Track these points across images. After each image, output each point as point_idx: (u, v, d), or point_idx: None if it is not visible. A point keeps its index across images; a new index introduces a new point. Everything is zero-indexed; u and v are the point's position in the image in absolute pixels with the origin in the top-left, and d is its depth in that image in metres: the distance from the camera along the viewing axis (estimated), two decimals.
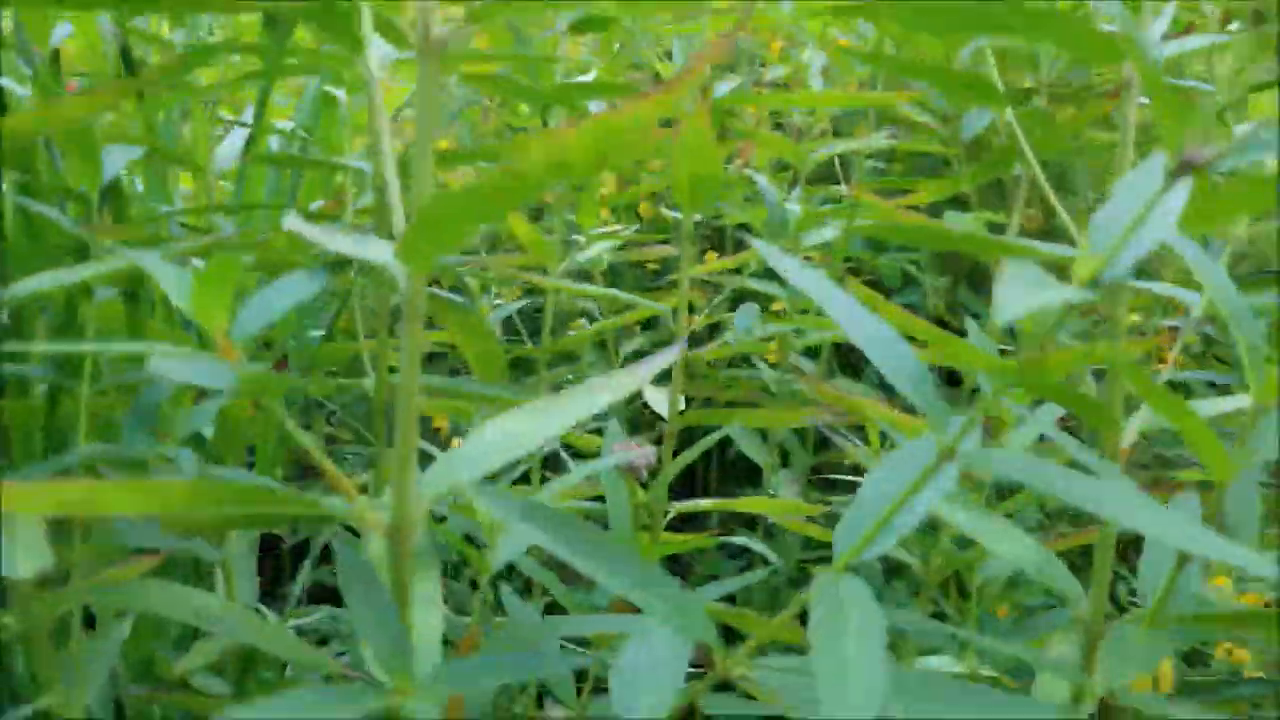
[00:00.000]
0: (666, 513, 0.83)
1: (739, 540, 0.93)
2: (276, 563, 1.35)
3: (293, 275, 0.46)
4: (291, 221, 0.44)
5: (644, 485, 0.73)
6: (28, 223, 0.69)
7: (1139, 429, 0.55)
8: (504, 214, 0.36)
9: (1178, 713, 0.50)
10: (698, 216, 1.22)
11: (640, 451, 0.61)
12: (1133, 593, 1.07)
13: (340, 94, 0.83)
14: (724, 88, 0.84)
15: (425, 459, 0.44)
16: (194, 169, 0.82)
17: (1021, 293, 0.30)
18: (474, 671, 0.41)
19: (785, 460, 1.33)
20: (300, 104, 0.94)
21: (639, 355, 1.19)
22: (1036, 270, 0.32)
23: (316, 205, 0.85)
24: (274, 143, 0.92)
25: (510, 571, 1.15)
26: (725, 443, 1.57)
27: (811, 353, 1.37)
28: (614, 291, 0.84)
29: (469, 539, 0.57)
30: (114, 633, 0.70)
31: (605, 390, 0.49)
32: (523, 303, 1.03)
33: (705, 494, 1.47)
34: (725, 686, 0.47)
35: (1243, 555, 0.34)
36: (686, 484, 1.54)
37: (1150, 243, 0.34)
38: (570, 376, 1.11)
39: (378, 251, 0.43)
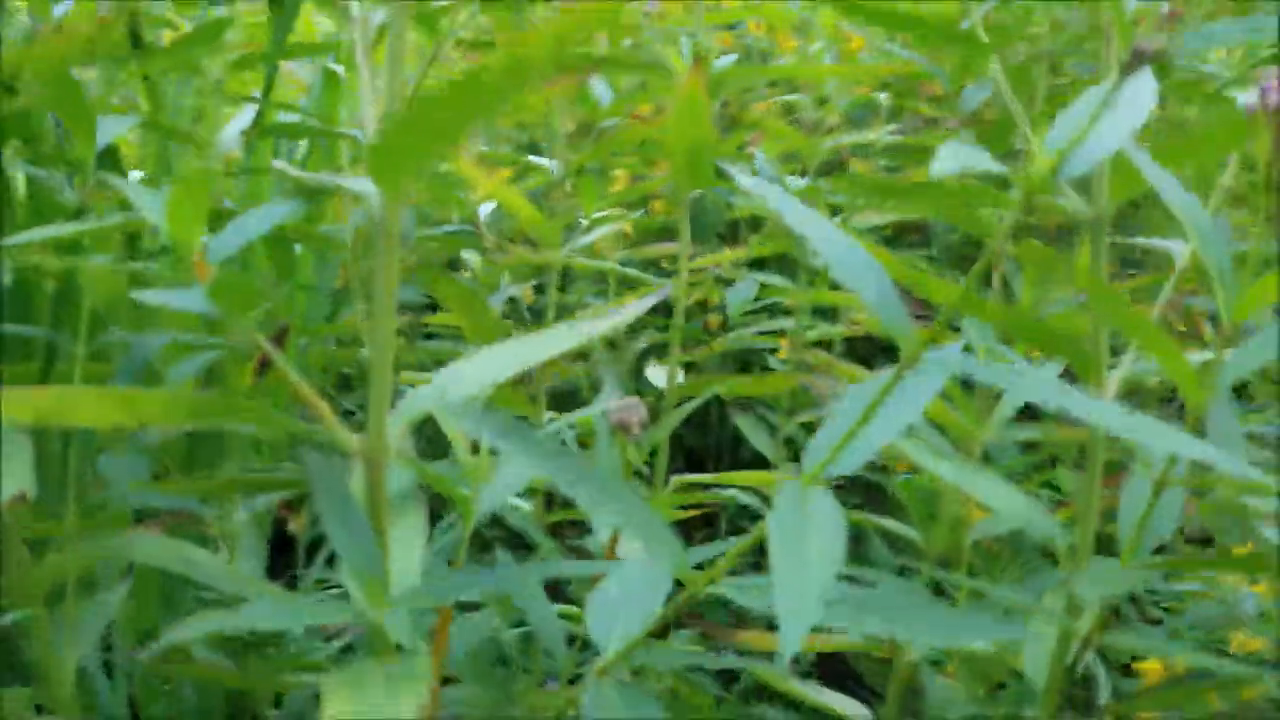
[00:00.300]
0: (666, 482, 0.83)
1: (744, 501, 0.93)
2: (289, 561, 1.36)
3: (270, 204, 0.46)
4: (278, 164, 0.45)
5: (636, 443, 0.73)
6: (33, 191, 0.70)
7: (1122, 377, 0.55)
8: (468, 125, 0.37)
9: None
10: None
11: (633, 404, 0.61)
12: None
13: (342, 71, 0.84)
14: (723, 61, 0.85)
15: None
16: (198, 146, 0.83)
17: (953, 158, 0.30)
18: (449, 587, 0.41)
19: (796, 456, 1.33)
20: (310, 90, 0.95)
21: (649, 352, 1.19)
22: (971, 148, 0.32)
23: None
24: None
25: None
26: (737, 441, 1.57)
27: (822, 348, 1.37)
28: (615, 265, 0.85)
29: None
30: (110, 595, 0.70)
31: (591, 327, 0.49)
32: (528, 284, 1.04)
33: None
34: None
35: (1223, 456, 0.34)
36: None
37: (1109, 140, 0.34)
38: (579, 371, 1.11)
39: (355, 184, 0.44)
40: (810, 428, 1.34)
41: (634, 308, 0.51)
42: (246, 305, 0.40)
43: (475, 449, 0.58)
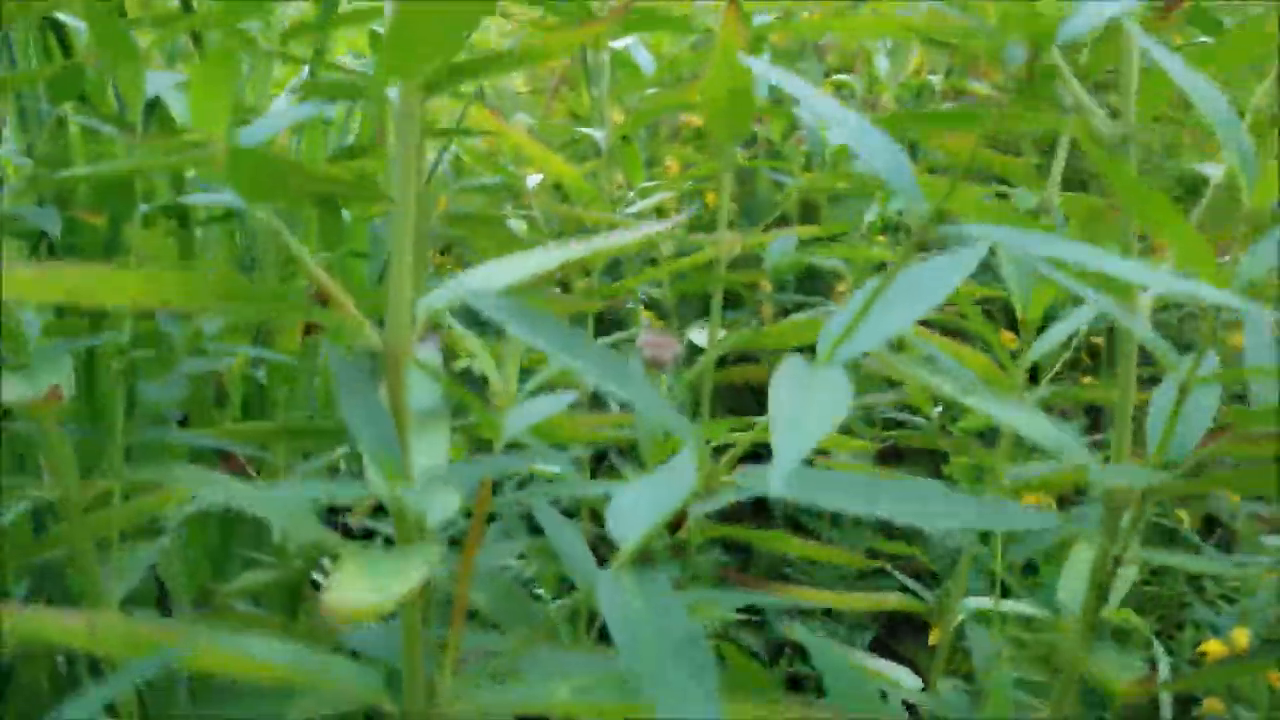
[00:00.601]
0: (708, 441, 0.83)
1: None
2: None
3: (302, 104, 0.47)
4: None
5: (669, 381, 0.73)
6: (90, 143, 0.73)
7: (1151, 301, 0.54)
8: (483, 8, 0.37)
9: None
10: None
11: (667, 340, 0.61)
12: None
13: None
14: (762, 18, 0.85)
15: None
16: (248, 113, 0.85)
17: None
18: (471, 469, 0.41)
19: None
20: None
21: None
22: None
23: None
24: None
25: None
26: None
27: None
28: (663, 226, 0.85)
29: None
30: (161, 540, 0.72)
31: (622, 237, 0.50)
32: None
33: None
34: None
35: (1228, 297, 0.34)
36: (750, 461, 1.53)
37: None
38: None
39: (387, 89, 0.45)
40: (869, 416, 1.34)
41: (667, 222, 0.52)
42: (271, 191, 0.41)
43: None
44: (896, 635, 1.28)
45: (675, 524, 0.91)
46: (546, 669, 0.48)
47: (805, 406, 0.33)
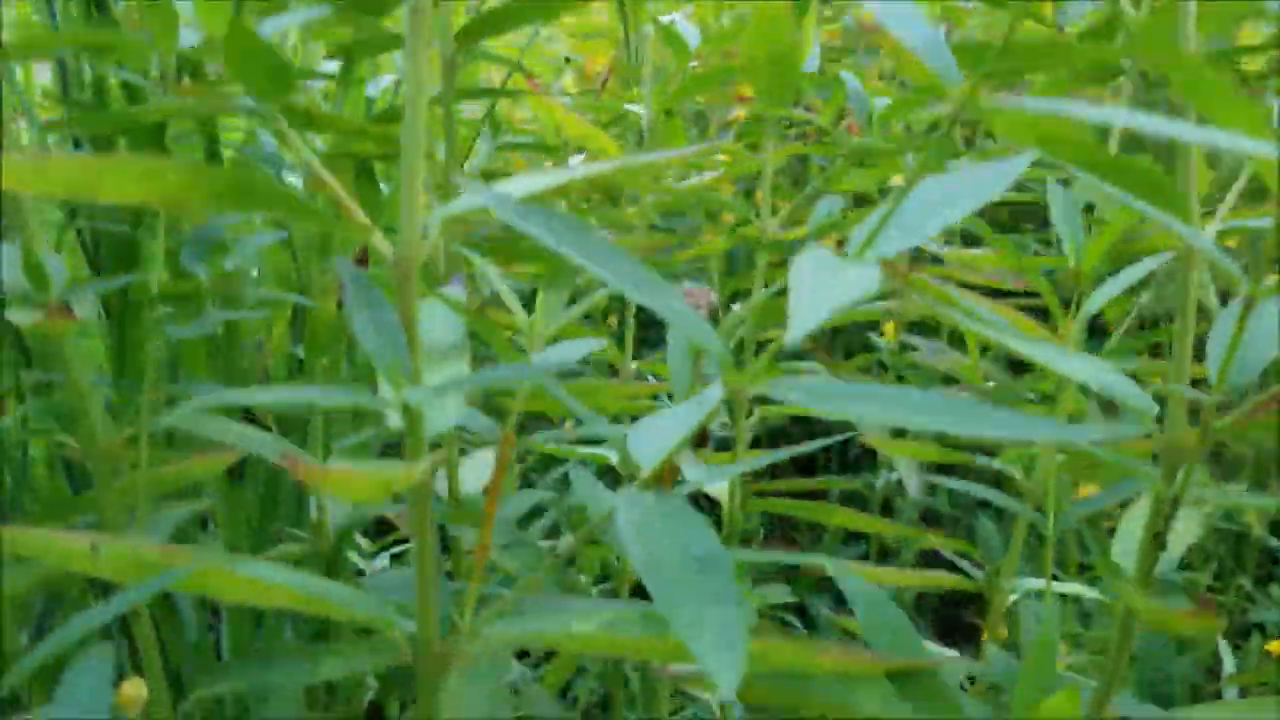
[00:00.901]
0: (750, 413, 0.81)
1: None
2: None
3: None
4: None
5: None
6: (127, 95, 0.72)
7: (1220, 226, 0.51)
8: None
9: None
10: None
11: (703, 291, 0.59)
12: None
13: None
14: None
15: None
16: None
17: None
18: (478, 377, 0.40)
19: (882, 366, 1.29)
20: None
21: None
22: None
23: None
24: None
25: None
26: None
27: (929, 330, 1.33)
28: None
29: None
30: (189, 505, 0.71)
31: (643, 157, 0.48)
32: None
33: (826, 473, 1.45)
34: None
35: None
36: (808, 466, 1.50)
37: None
38: None
39: None
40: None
41: (688, 150, 0.50)
42: (273, 85, 0.39)
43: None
44: (951, 637, 1.24)
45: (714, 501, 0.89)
46: (569, 611, 0.46)
47: (830, 279, 0.31)
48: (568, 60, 1.70)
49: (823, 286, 0.30)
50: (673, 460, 0.51)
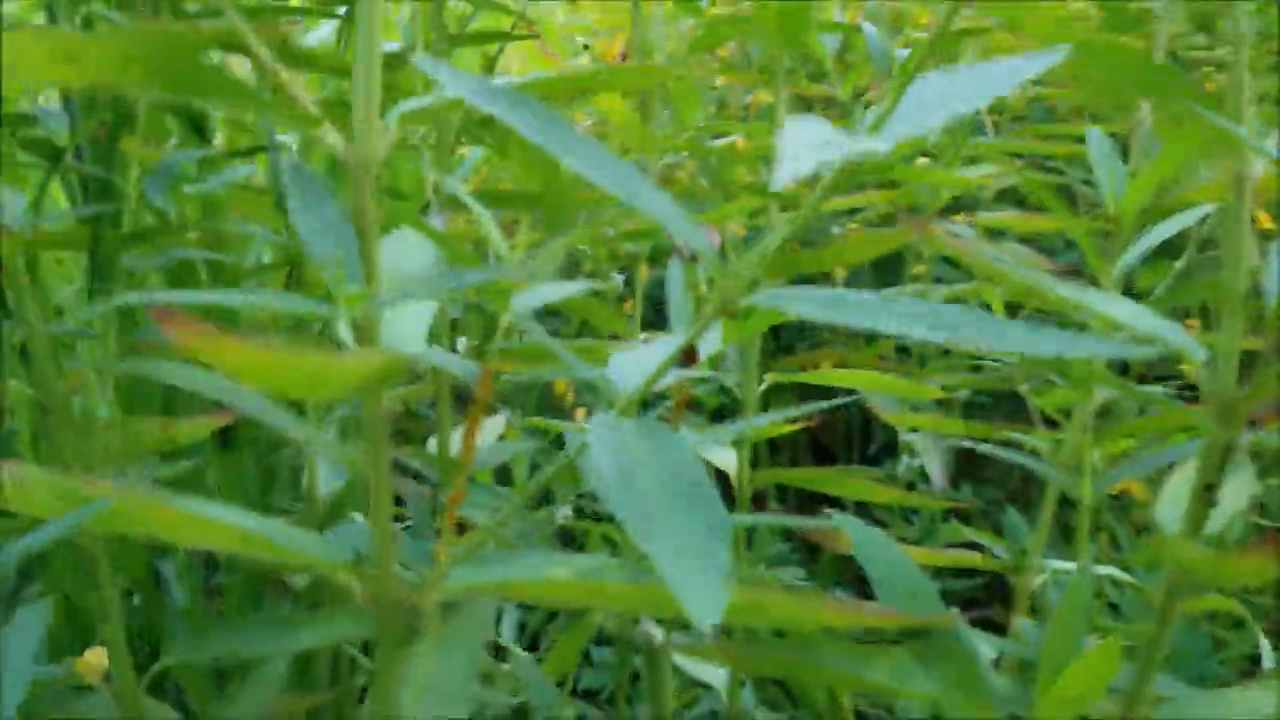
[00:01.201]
0: (761, 381, 0.76)
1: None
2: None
3: None
4: None
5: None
6: None
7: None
8: None
9: None
10: None
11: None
12: None
13: None
14: None
15: None
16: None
17: None
18: (445, 279, 0.35)
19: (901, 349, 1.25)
20: None
21: None
22: None
23: None
24: None
25: None
26: (868, 427, 1.49)
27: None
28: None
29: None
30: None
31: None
32: None
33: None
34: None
35: None
36: (825, 458, 1.46)
37: None
38: None
39: None
40: (947, 405, 1.25)
41: None
42: None
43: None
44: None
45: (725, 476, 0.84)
46: (544, 559, 0.41)
47: (818, 135, 0.26)
48: (586, 47, 1.67)
49: (810, 138, 0.26)
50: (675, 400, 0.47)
